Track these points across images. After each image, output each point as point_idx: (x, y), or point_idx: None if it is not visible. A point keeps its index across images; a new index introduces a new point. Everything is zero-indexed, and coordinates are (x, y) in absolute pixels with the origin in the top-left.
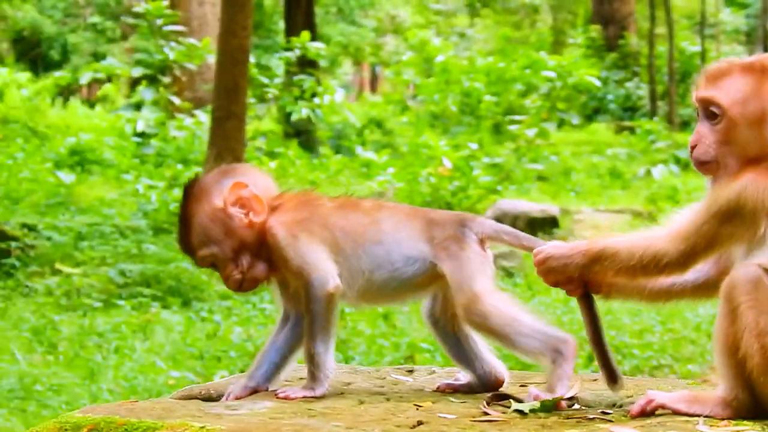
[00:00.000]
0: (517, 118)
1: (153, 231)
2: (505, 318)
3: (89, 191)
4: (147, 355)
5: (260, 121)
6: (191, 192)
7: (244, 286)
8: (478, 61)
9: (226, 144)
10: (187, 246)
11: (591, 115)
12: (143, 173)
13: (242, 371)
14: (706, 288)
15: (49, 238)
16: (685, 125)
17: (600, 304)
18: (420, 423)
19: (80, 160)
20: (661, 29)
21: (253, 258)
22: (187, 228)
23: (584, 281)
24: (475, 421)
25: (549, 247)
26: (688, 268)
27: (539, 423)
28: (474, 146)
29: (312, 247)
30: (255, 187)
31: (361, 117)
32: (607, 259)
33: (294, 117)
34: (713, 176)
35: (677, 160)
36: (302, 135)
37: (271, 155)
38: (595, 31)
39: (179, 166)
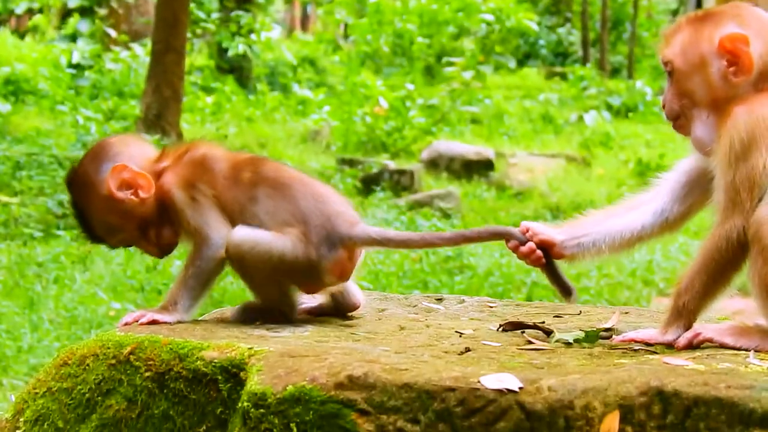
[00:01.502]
0: (453, 60)
1: None
2: None
3: (24, 121)
4: (87, 286)
5: (194, 56)
6: (75, 187)
7: (163, 252)
8: (411, 3)
9: (165, 77)
10: (95, 237)
11: (522, 59)
12: (79, 105)
13: None
14: (670, 227)
15: None
16: (616, 72)
17: None
18: (468, 350)
19: (15, 90)
20: None
21: (159, 227)
22: (86, 222)
23: None
24: (521, 349)
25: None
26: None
27: (586, 353)
28: (411, 87)
29: (208, 209)
30: (133, 162)
31: (294, 55)
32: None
33: (230, 53)
34: (684, 132)
35: (609, 107)
36: (236, 71)
37: (207, 90)
38: None
39: (114, 99)
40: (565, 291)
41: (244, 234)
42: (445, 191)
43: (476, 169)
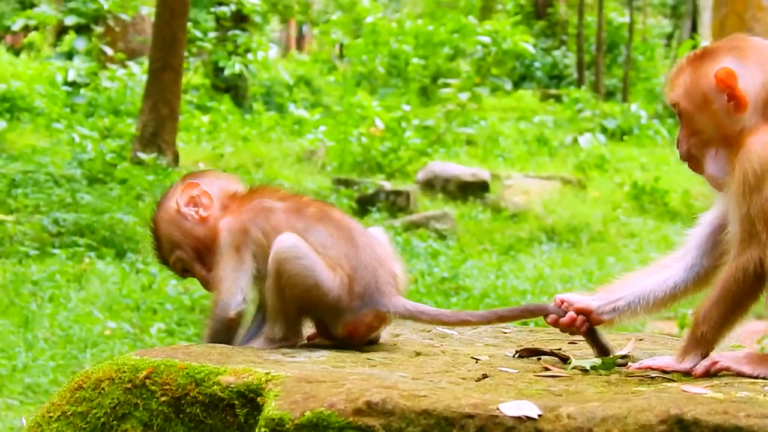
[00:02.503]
0: (449, 81)
1: (87, 180)
2: None
3: (20, 139)
4: (83, 305)
5: (190, 75)
6: (157, 202)
7: (208, 285)
8: (406, 24)
9: (162, 96)
10: (161, 256)
11: (517, 81)
12: (74, 122)
13: (178, 324)
14: (702, 281)
15: None
16: (611, 95)
17: (529, 266)
18: (485, 376)
19: (10, 107)
20: None
21: (213, 256)
22: (155, 238)
23: None
24: (539, 375)
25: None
26: None
27: (603, 380)
28: (407, 108)
29: (241, 268)
30: (208, 185)
31: (290, 75)
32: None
33: (227, 72)
34: (699, 170)
35: (604, 130)
36: (232, 90)
37: (203, 109)
38: None
39: (110, 117)
40: (605, 353)
41: (295, 243)
42: (440, 212)
43: (472, 190)
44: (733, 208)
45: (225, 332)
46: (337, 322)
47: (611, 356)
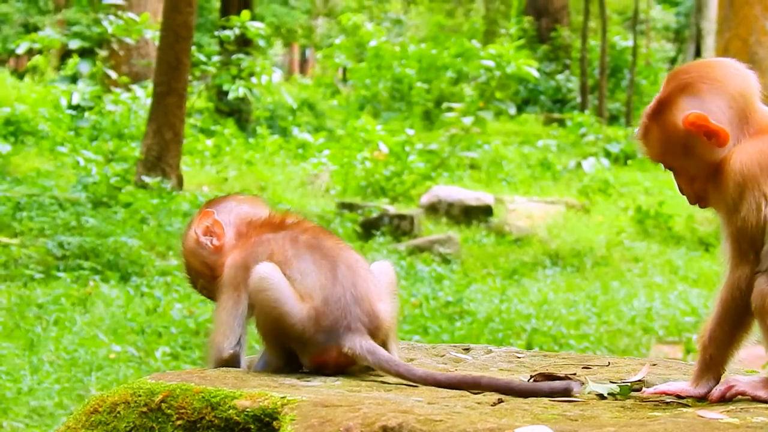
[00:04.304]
0: (453, 105)
1: (92, 204)
2: None
3: (24, 162)
4: (88, 328)
5: (193, 99)
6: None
7: None
8: (410, 48)
9: (166, 120)
10: (189, 281)
11: (521, 105)
12: (79, 146)
13: (183, 348)
14: None
15: None
16: (614, 119)
17: (534, 291)
18: (501, 401)
19: (15, 130)
20: (592, 23)
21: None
22: (184, 265)
23: None
24: (554, 400)
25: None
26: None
27: (619, 405)
28: (410, 132)
29: (238, 310)
30: (226, 213)
31: (293, 99)
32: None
33: (231, 96)
34: (711, 207)
35: (608, 154)
36: (235, 114)
37: (207, 133)
38: (528, 22)
39: (114, 140)
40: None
41: (267, 274)
42: (445, 236)
43: (475, 214)
44: (722, 228)
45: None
46: (303, 353)
47: (628, 383)
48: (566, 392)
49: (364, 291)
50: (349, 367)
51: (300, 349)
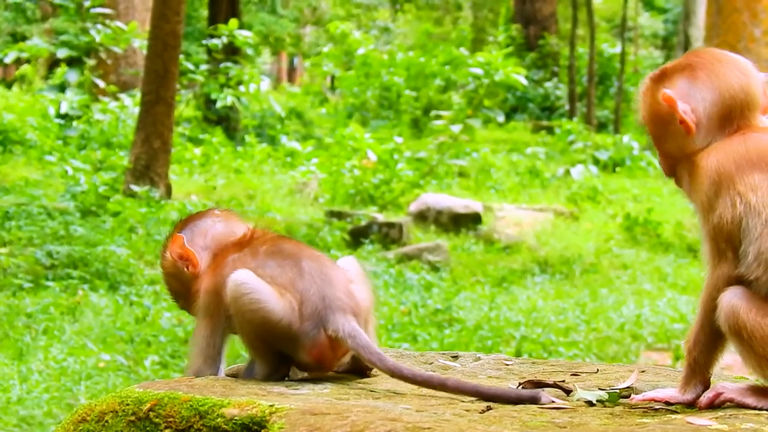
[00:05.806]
0: (441, 113)
1: (81, 213)
2: None
3: (12, 171)
4: (77, 338)
5: (182, 108)
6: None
7: None
8: (398, 56)
9: (155, 128)
10: (171, 298)
11: (509, 113)
12: (67, 155)
13: (172, 356)
14: None
15: None
16: (603, 126)
17: (523, 298)
18: (489, 408)
19: (2, 139)
20: (580, 31)
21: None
22: (164, 281)
23: None
24: (543, 407)
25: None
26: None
27: (607, 412)
28: (399, 140)
29: (214, 338)
30: (200, 235)
31: (281, 107)
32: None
33: (219, 104)
34: (682, 187)
35: (596, 161)
36: (223, 122)
37: (195, 142)
38: (516, 30)
39: (102, 149)
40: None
41: (244, 279)
42: (433, 244)
43: (464, 222)
44: (701, 228)
45: None
46: (296, 351)
47: (616, 390)
48: (534, 401)
49: (333, 276)
50: (345, 354)
51: (292, 347)
